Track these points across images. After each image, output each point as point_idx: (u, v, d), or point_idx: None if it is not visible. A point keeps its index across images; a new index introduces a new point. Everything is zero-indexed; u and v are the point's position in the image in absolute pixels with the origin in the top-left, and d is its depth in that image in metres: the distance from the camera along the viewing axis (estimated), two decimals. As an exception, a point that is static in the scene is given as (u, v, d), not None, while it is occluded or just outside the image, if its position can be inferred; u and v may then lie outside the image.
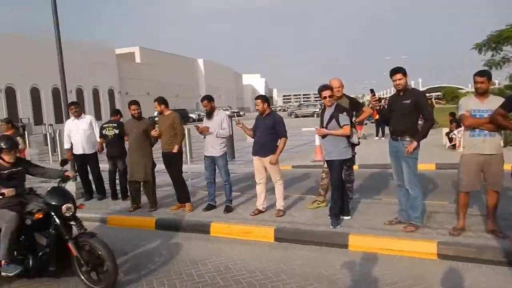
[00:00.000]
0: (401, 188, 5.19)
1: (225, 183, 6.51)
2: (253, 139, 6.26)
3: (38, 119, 45.35)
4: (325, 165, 5.97)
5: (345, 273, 4.27)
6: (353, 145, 5.70)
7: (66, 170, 4.62)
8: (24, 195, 4.34)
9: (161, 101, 6.76)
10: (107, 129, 7.55)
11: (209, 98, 6.49)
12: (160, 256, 5.02)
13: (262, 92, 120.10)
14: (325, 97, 5.39)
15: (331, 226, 5.36)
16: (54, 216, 4.06)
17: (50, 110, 47.82)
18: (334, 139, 5.38)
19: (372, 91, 5.43)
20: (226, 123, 6.48)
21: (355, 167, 6.77)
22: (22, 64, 42.98)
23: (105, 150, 7.69)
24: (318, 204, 6.35)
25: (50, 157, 15.53)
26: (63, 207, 4.05)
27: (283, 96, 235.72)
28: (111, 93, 58.32)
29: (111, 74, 58.00)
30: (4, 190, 4.05)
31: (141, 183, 6.79)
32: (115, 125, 7.53)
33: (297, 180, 9.17)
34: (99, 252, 3.93)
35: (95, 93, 56.28)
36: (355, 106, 6.11)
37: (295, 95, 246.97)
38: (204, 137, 6.53)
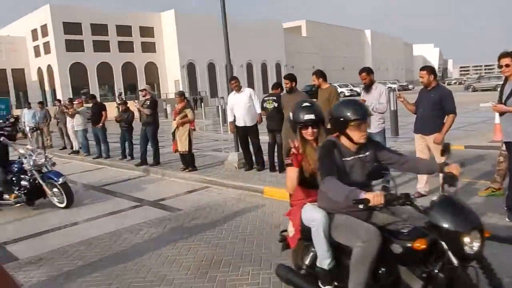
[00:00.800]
0: None
1: (382, 161, 6.09)
2: (416, 115, 5.69)
3: (214, 92, 50.22)
4: (504, 147, 5.07)
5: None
6: (542, 125, 4.68)
7: (447, 164, 2.69)
8: (400, 202, 2.40)
9: (319, 74, 6.61)
10: (268, 102, 7.76)
11: (368, 70, 6.13)
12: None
13: (435, 63, 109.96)
14: (506, 65, 4.51)
15: (507, 219, 4.56)
16: (447, 250, 2.28)
17: (224, 84, 52.39)
18: (515, 118, 4.49)
19: None
20: (385, 97, 6.02)
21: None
22: (201, 41, 47.82)
23: (265, 123, 7.95)
24: (492, 191, 5.48)
25: (221, 128, 17.02)
26: (466, 237, 2.24)
27: (460, 67, 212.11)
28: (278, 67, 60.73)
29: (278, 48, 60.21)
30: (368, 195, 2.30)
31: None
32: (275, 98, 7.68)
33: (469, 162, 8.08)
34: None
35: (263, 67, 59.38)
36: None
37: (474, 66, 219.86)
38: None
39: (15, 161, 7.07)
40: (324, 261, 2.76)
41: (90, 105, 12.29)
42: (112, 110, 22.28)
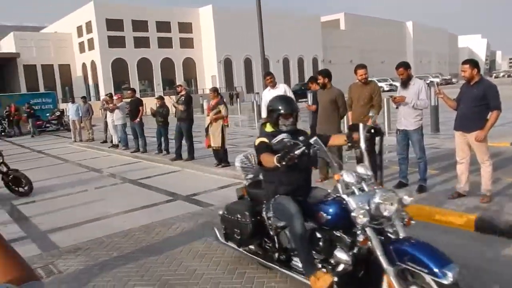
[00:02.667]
0: None
1: (419, 160, 5.89)
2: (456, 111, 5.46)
3: (250, 88, 50.33)
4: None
5: None
6: None
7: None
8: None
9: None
10: None
11: (405, 65, 5.92)
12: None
13: (482, 55, 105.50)
14: None
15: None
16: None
17: (260, 79, 52.42)
18: None
19: None
20: (424, 93, 5.80)
21: None
22: (238, 36, 47.95)
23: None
24: (538, 193, 5.17)
25: (256, 124, 17.04)
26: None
27: (510, 59, 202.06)
28: (314, 62, 60.04)
29: (316, 42, 59.49)
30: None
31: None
32: None
33: (514, 161, 7.69)
34: None
35: (300, 62, 58.87)
36: None
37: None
38: (397, 108, 6.01)
39: (329, 198, 3.27)
40: None
41: (128, 100, 12.60)
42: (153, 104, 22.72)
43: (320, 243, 3.21)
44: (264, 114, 8.22)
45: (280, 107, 3.53)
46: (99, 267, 4.34)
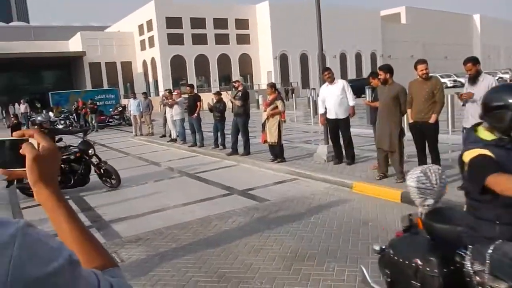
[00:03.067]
0: None
1: (486, 159, 5.53)
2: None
3: (305, 83, 49.96)
4: None
5: None
6: None
7: None
8: None
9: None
10: None
11: (474, 60, 5.62)
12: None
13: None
14: None
15: None
16: None
17: (316, 75, 51.82)
18: None
19: None
20: (497, 89, 5.46)
21: None
22: (294, 32, 47.73)
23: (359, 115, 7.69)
24: None
25: (311, 120, 16.88)
26: None
27: None
28: (373, 57, 58.41)
29: (374, 37, 57.83)
30: None
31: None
32: None
33: None
34: None
35: (358, 57, 57.52)
36: None
37: None
38: (463, 105, 5.70)
39: None
40: None
41: (187, 95, 12.92)
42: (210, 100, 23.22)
43: None
44: (321, 109, 8.13)
45: None
46: (159, 257, 4.49)
